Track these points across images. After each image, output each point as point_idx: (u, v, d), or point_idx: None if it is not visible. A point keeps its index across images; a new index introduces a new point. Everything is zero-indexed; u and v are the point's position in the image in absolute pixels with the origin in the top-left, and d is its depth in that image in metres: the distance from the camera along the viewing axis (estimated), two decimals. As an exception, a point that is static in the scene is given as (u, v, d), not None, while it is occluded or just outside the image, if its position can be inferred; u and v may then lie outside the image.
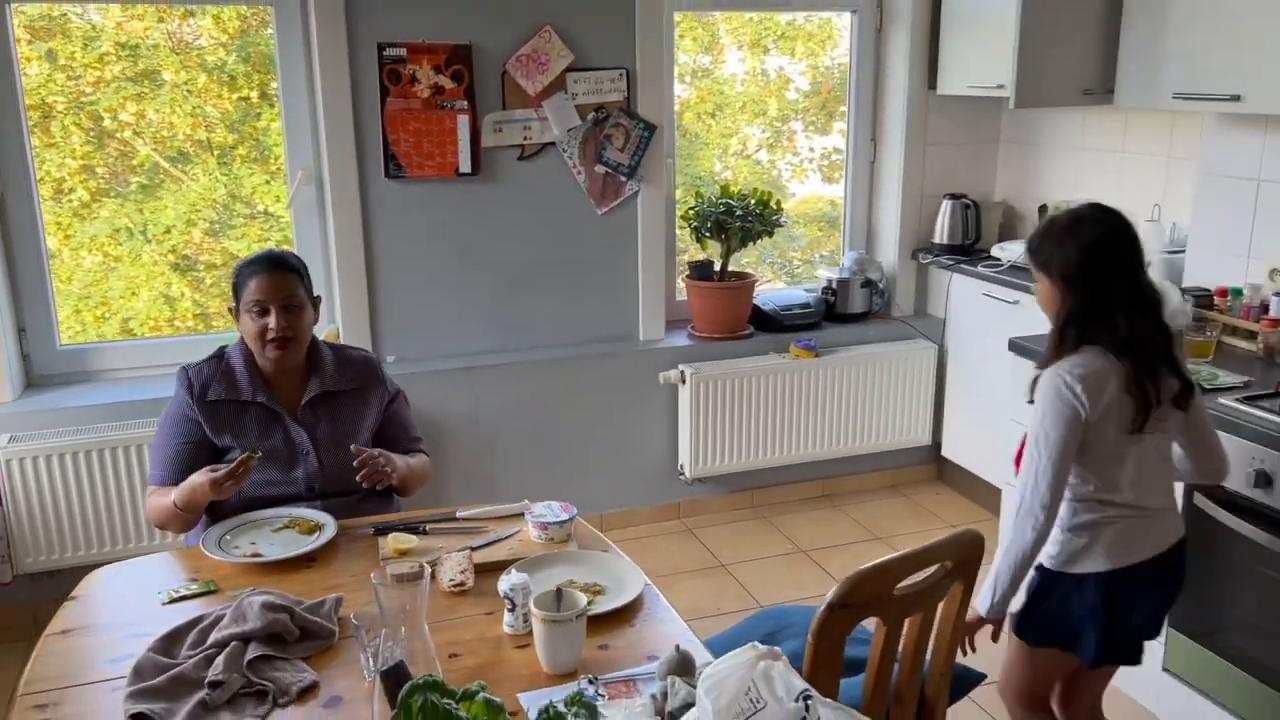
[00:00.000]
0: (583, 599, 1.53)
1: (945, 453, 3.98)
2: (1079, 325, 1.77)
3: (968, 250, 3.84)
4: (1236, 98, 2.45)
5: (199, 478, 1.96)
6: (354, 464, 2.04)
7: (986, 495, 3.73)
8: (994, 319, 3.52)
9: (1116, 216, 1.79)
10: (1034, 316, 3.29)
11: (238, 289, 2.13)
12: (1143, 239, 1.80)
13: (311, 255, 3.26)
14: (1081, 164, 3.62)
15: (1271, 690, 2.09)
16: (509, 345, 3.51)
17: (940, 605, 1.69)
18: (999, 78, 3.30)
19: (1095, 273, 1.75)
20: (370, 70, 3.15)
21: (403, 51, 3.17)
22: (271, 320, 2.10)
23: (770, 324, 3.79)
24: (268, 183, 3.42)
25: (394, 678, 1.28)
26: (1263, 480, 2.06)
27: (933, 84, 3.82)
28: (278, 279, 2.11)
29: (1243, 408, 2.14)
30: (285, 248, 2.86)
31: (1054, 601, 1.85)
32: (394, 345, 3.35)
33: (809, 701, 1.09)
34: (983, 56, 3.46)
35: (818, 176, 4.49)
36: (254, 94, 3.36)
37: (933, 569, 1.63)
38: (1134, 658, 1.87)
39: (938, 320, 3.94)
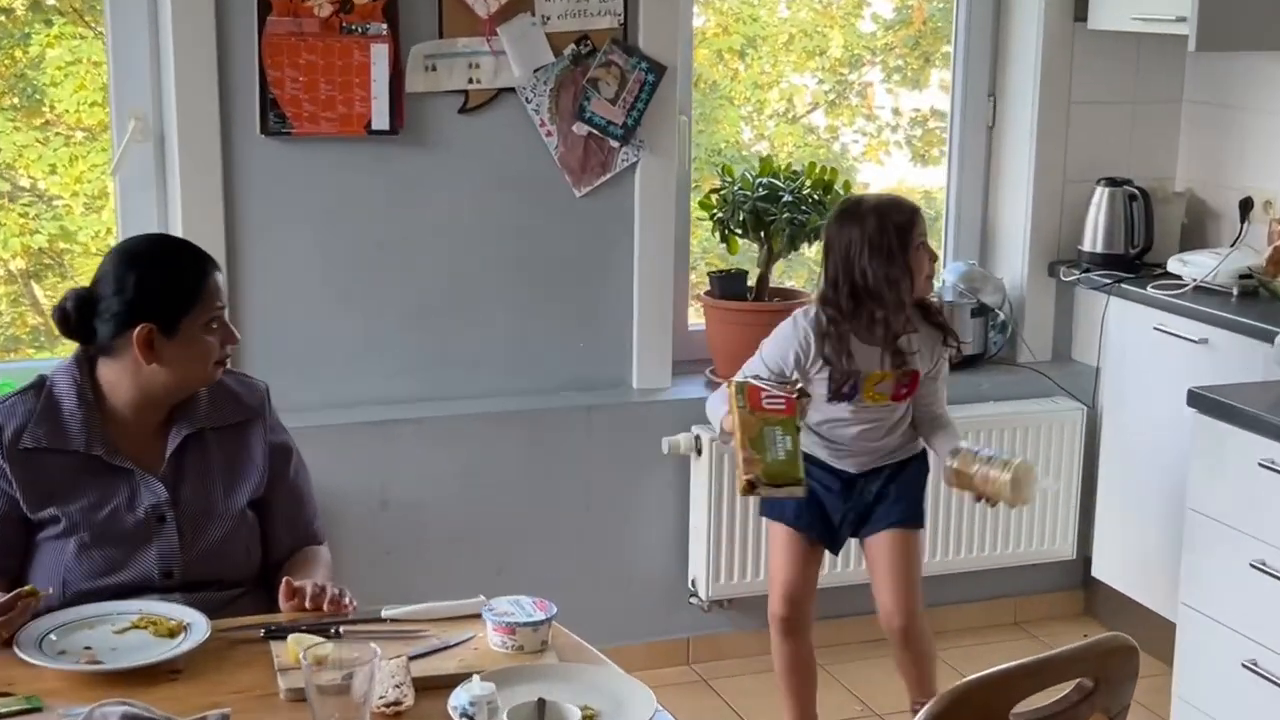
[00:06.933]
0: (577, 712, 1.80)
1: (1097, 572, 4.21)
2: None
3: (1133, 263, 4.10)
4: None
5: None
6: (285, 602, 2.39)
7: (1158, 636, 3.96)
8: (1173, 364, 3.77)
9: None
10: (1228, 362, 3.57)
11: (182, 296, 2.44)
12: None
13: (144, 247, 3.55)
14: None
15: None
16: (438, 391, 3.77)
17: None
18: (1179, 7, 3.58)
19: None
20: (243, -27, 3.48)
21: (293, -53, 3.49)
22: (228, 331, 2.51)
23: (832, 369, 4.07)
24: (39, 144, 3.64)
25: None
26: None
27: (1081, 14, 4.11)
28: (222, 278, 2.53)
29: None
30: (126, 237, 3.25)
31: None
32: (264, 387, 3.59)
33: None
34: (1158, -28, 3.82)
35: (905, 154, 4.70)
36: (19, 5, 3.56)
37: (1067, 688, 1.91)
38: None
39: (1088, 368, 4.23)
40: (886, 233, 3.13)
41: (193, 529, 2.46)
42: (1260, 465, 3.05)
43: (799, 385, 3.09)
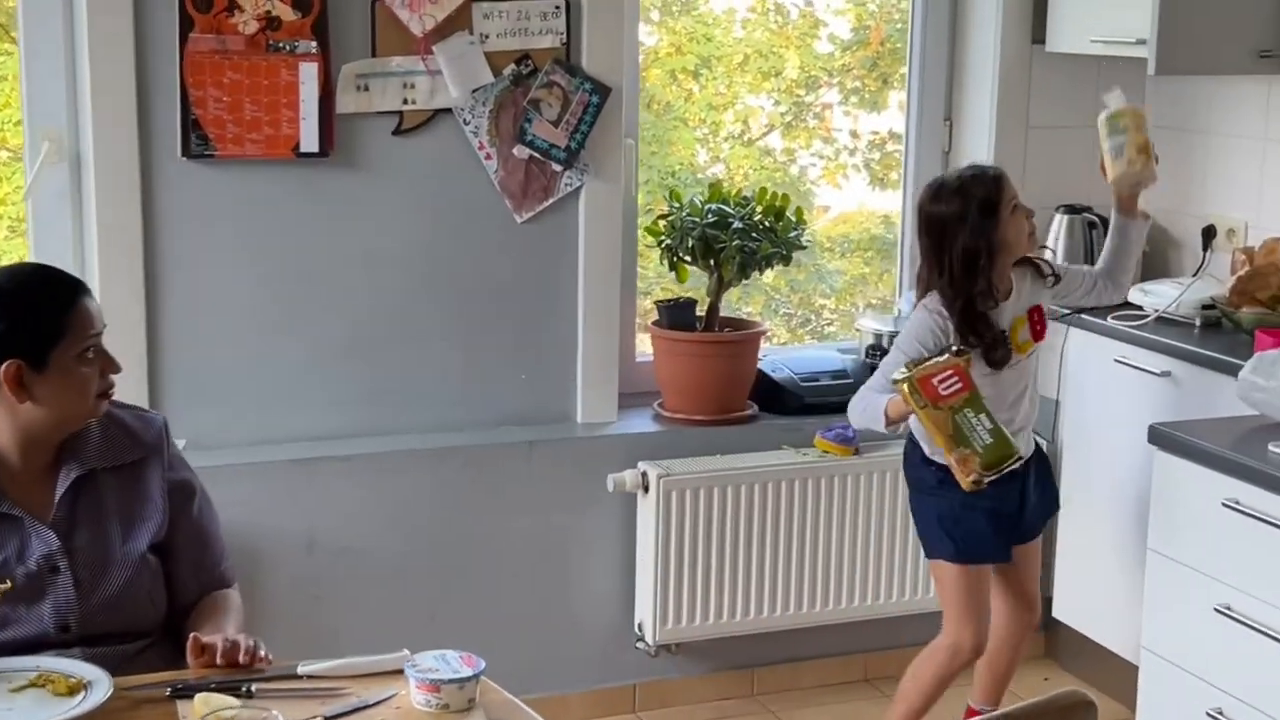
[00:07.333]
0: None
1: (1058, 613, 4.18)
2: None
3: (1093, 292, 4.10)
4: None
5: None
6: (194, 659, 2.32)
7: (1121, 680, 3.92)
8: (1134, 398, 3.78)
9: None
10: (1190, 396, 3.57)
11: (47, 327, 2.38)
12: None
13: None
14: (1268, 162, 3.98)
15: None
16: (369, 426, 3.74)
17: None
18: (1138, 29, 3.60)
19: None
20: (164, -13, 3.46)
21: (217, -38, 3.47)
22: (108, 360, 2.43)
23: (785, 402, 4.00)
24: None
25: None
26: None
27: (1039, 36, 4.14)
28: (95, 304, 2.45)
29: None
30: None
31: None
32: (184, 423, 3.50)
33: None
34: (1115, -5, 3.84)
35: (864, 177, 4.70)
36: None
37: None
38: None
39: (1047, 401, 4.13)
40: (975, 208, 3.28)
41: (90, 578, 2.40)
42: (1224, 505, 3.03)
43: (954, 347, 3.22)
